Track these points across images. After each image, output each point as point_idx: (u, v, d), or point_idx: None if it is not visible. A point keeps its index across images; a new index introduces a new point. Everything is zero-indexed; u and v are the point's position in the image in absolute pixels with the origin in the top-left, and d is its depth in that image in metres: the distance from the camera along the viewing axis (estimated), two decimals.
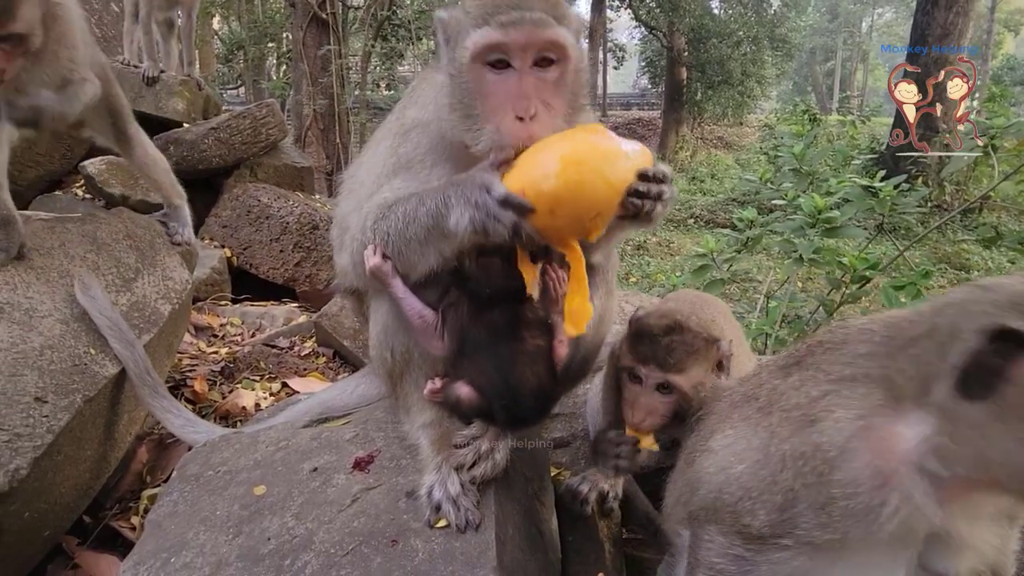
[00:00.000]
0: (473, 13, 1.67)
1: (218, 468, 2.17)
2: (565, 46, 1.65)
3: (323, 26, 12.84)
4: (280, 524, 1.84)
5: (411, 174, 1.84)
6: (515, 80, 1.63)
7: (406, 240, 1.72)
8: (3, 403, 2.24)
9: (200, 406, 3.33)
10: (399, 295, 1.82)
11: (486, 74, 1.65)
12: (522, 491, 2.05)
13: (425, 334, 1.84)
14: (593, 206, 1.50)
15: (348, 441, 2.11)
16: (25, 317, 2.51)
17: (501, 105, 1.64)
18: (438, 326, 1.82)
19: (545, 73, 1.65)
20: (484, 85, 1.65)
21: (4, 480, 2.10)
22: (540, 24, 1.60)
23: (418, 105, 1.94)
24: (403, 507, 1.80)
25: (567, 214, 1.50)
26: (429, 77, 1.98)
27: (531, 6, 1.62)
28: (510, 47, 1.62)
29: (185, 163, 5.50)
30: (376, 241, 1.78)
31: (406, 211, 1.71)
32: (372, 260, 1.79)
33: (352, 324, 3.84)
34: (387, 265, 1.79)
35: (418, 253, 1.74)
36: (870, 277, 5.37)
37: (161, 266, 3.16)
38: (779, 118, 24.81)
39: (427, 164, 1.84)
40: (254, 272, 5.48)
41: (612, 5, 30.63)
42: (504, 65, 1.64)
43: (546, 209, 1.48)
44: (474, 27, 1.64)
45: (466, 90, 1.68)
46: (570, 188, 1.47)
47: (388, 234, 1.75)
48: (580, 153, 1.51)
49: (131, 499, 2.78)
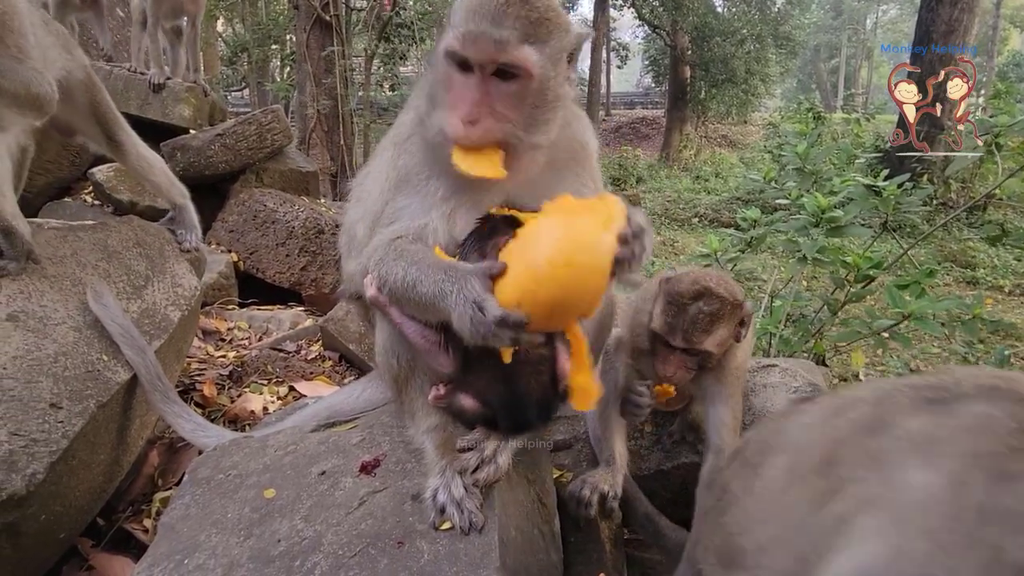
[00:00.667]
0: (453, 16, 1.71)
1: (229, 472, 2.22)
2: (525, 66, 1.66)
3: (326, 28, 12.90)
4: (290, 526, 1.89)
5: (410, 187, 1.87)
6: (472, 84, 1.67)
7: (406, 300, 1.74)
8: (20, 409, 2.30)
9: (209, 410, 3.39)
10: (397, 320, 1.85)
11: (453, 72, 1.70)
12: (525, 493, 2.10)
13: (429, 353, 1.85)
14: (587, 295, 1.53)
15: (355, 445, 2.16)
16: (40, 325, 2.57)
17: (455, 103, 1.68)
18: (442, 343, 1.83)
19: (506, 84, 1.68)
20: (449, 81, 1.71)
21: (22, 484, 2.16)
22: (500, 44, 1.62)
23: (412, 109, 1.98)
24: (408, 510, 1.85)
25: (565, 310, 1.53)
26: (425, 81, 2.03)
27: (500, 22, 1.63)
28: (470, 58, 1.66)
29: (192, 169, 5.57)
30: (377, 282, 1.80)
31: (406, 277, 1.70)
32: (370, 291, 1.82)
33: (358, 328, 3.89)
34: (384, 297, 1.82)
35: (417, 312, 1.77)
36: (874, 276, 5.39)
37: (170, 273, 3.22)
38: (783, 116, 24.74)
39: (423, 176, 1.87)
40: (260, 276, 5.54)
41: (615, 4, 30.60)
42: (468, 68, 1.68)
43: (544, 315, 1.51)
44: (450, 27, 1.69)
45: (438, 81, 1.75)
46: (562, 289, 1.49)
47: (388, 285, 1.76)
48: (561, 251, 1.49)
49: (143, 502, 2.84)
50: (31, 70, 2.77)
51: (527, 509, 2.05)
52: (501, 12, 1.64)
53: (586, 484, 2.44)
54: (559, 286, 1.48)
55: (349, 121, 13.86)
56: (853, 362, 6.85)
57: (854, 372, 9.48)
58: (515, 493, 2.02)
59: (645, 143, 30.47)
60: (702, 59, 27.26)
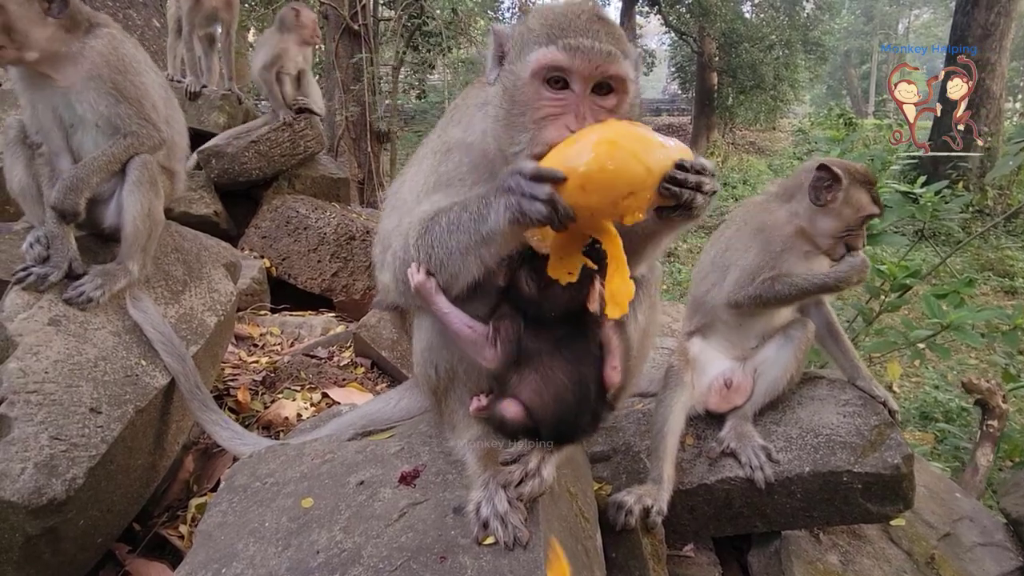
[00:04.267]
0: (538, 31, 1.67)
1: (265, 480, 2.20)
2: (626, 80, 1.66)
3: (355, 37, 13.04)
4: (328, 537, 1.85)
5: (452, 190, 1.84)
6: (572, 100, 1.64)
7: (448, 251, 1.71)
8: (60, 414, 2.31)
9: (243, 416, 3.39)
10: (444, 311, 1.80)
11: (543, 90, 1.65)
12: (568, 507, 2.04)
13: (475, 345, 1.81)
14: (627, 183, 1.47)
15: (393, 455, 2.12)
16: (80, 329, 2.59)
17: (553, 119, 1.64)
18: (490, 336, 1.79)
19: (602, 100, 1.66)
20: (539, 100, 1.66)
21: (62, 489, 2.17)
22: (607, 57, 1.61)
23: (460, 125, 1.95)
24: (450, 523, 1.80)
25: (598, 188, 1.47)
26: (471, 96, 1.99)
27: (599, 36, 1.62)
28: (573, 71, 1.62)
29: (226, 176, 5.63)
30: (419, 258, 1.77)
31: (449, 220, 1.71)
32: (416, 278, 1.78)
33: (390, 335, 3.87)
34: (431, 282, 1.77)
35: (460, 263, 1.72)
36: (910, 285, 5.25)
37: (207, 278, 3.24)
38: (813, 122, 24.37)
39: (468, 183, 1.84)
40: (292, 282, 5.56)
41: (642, 11, 30.50)
42: (563, 85, 1.65)
43: (577, 184, 1.46)
44: (539, 44, 1.64)
45: (518, 102, 1.68)
46: (602, 163, 1.45)
47: (432, 247, 1.74)
48: (614, 134, 1.50)
49: (179, 507, 2.84)
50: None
51: (571, 524, 1.99)
52: (595, 28, 1.64)
53: (631, 493, 2.48)
54: (597, 158, 1.46)
55: (377, 129, 13.97)
56: (888, 373, 6.68)
57: (888, 383, 9.26)
58: (558, 507, 1.96)
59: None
60: (729, 65, 26.95)
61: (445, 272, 1.76)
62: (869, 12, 46.22)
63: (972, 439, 7.15)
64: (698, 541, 2.83)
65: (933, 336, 4.70)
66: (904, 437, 2.68)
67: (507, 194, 1.53)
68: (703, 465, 2.73)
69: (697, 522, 2.74)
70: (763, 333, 2.95)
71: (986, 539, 3.07)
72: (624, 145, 1.48)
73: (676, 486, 2.63)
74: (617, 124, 1.57)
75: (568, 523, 1.98)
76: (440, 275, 1.77)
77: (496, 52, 1.79)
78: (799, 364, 2.87)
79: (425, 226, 1.77)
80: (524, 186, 1.49)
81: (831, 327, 3.02)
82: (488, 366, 1.82)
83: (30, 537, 2.11)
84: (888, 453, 2.59)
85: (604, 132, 1.52)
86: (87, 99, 2.73)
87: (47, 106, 2.77)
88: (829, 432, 2.69)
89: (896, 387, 9.48)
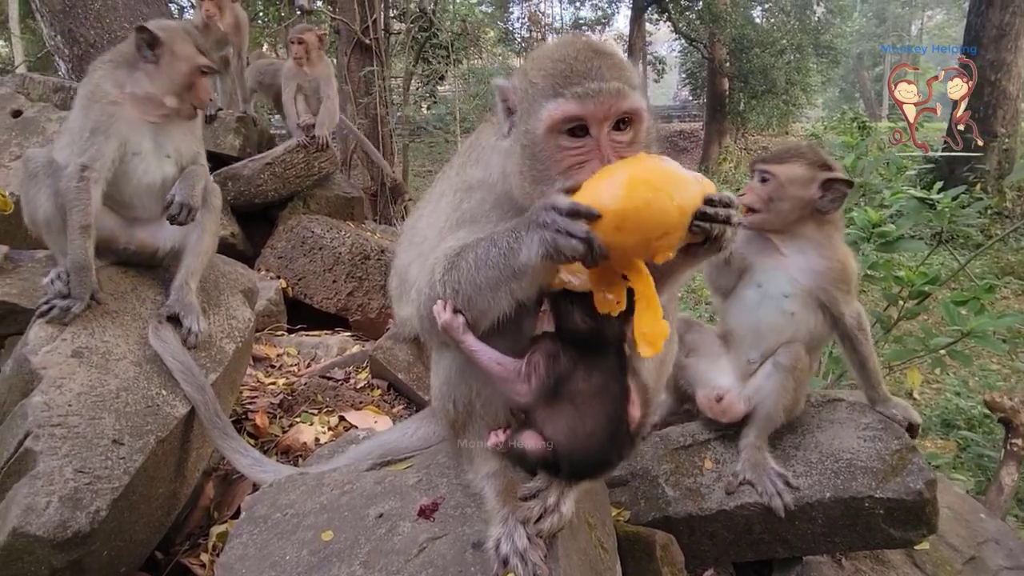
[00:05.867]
0: (542, 84, 1.67)
1: (285, 510, 2.21)
2: (640, 110, 1.66)
3: (366, 50, 13.19)
4: (349, 573, 1.85)
5: (476, 227, 1.85)
6: (592, 145, 1.64)
7: (476, 286, 1.70)
8: (84, 446, 2.34)
9: (262, 440, 3.41)
10: (473, 348, 1.80)
11: (562, 141, 1.66)
12: (587, 539, 2.04)
13: (507, 381, 1.80)
14: (660, 224, 1.49)
15: (412, 487, 2.13)
16: (102, 361, 2.63)
17: (579, 168, 1.64)
18: (523, 371, 1.79)
19: (621, 135, 1.66)
20: (560, 152, 1.66)
21: (86, 521, 2.20)
22: (618, 95, 1.61)
23: (480, 165, 1.95)
24: (470, 559, 1.80)
25: (634, 230, 1.48)
26: (485, 135, 2.00)
27: (603, 76, 1.62)
28: (588, 118, 1.62)
29: (243, 197, 5.70)
30: (446, 293, 1.77)
31: (476, 255, 1.70)
32: (443, 316, 1.77)
33: (406, 357, 3.89)
34: (458, 320, 1.77)
35: (489, 298, 1.71)
36: (929, 292, 5.19)
37: (225, 305, 3.27)
38: (826, 126, 24.20)
39: (492, 219, 1.84)
40: (308, 302, 5.61)
41: (651, 18, 30.53)
42: (582, 132, 1.65)
43: (612, 224, 1.47)
44: (547, 97, 1.65)
45: (539, 158, 1.68)
46: (637, 204, 1.47)
47: (459, 282, 1.73)
48: (647, 173, 1.52)
49: (200, 535, 2.85)
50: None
51: (590, 557, 1.98)
52: (597, 68, 1.64)
53: None
54: (631, 199, 1.47)
55: (388, 141, 14.08)
56: (909, 381, 6.59)
57: (909, 391, 9.13)
58: (577, 541, 1.96)
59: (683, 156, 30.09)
60: (740, 70, 26.87)
61: (474, 308, 1.75)
62: (881, 14, 45.89)
63: (995, 447, 7.04)
64: (718, 567, 2.81)
65: (953, 343, 4.65)
66: (924, 456, 2.64)
67: (541, 229, 1.52)
68: (722, 490, 2.71)
69: (717, 548, 2.72)
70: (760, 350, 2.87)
71: (1012, 562, 3.02)
72: (658, 185, 1.49)
73: (695, 511, 2.62)
74: (646, 160, 1.58)
75: (587, 556, 1.98)
76: (468, 311, 1.76)
77: (503, 106, 1.79)
78: (794, 392, 2.76)
79: (451, 261, 1.77)
80: (559, 222, 1.49)
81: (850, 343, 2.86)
82: (521, 401, 1.81)
83: (55, 570, 2.14)
84: (910, 478, 2.56)
85: (636, 170, 1.53)
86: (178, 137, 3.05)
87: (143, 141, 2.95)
88: (850, 456, 2.67)
89: (916, 395, 9.35)
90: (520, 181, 1.74)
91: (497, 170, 1.86)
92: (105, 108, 2.85)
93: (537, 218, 1.54)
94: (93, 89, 2.88)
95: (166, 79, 2.90)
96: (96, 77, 2.92)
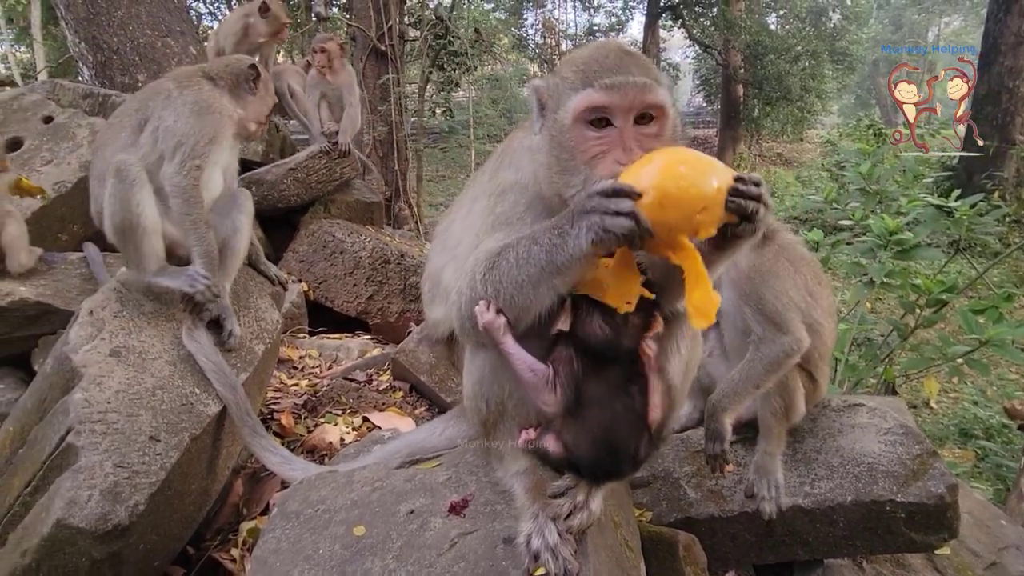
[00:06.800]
0: (572, 77, 1.75)
1: (317, 506, 2.27)
2: (664, 106, 1.73)
3: (382, 57, 13.34)
4: (382, 566, 1.91)
5: (512, 228, 1.90)
6: (616, 135, 1.71)
7: (519, 284, 1.74)
8: (123, 442, 2.42)
9: (288, 440, 3.48)
10: (510, 351, 1.84)
11: (587, 131, 1.72)
12: (613, 537, 2.08)
13: (536, 389, 1.85)
14: (700, 197, 1.55)
15: (442, 484, 2.18)
16: (139, 360, 2.71)
17: (602, 156, 1.71)
18: (550, 379, 1.83)
19: (645, 128, 1.73)
20: (585, 141, 1.73)
21: (125, 515, 2.26)
22: (643, 88, 1.68)
23: (512, 168, 2.01)
24: (501, 554, 1.85)
25: (676, 205, 1.54)
26: (519, 139, 2.06)
27: (631, 70, 1.70)
28: (613, 108, 1.69)
29: (266, 202, 5.78)
30: (487, 293, 1.80)
31: (518, 254, 1.75)
32: (485, 316, 1.80)
33: (428, 360, 3.95)
34: (500, 320, 1.80)
35: (532, 295, 1.75)
36: (947, 300, 5.18)
37: (254, 307, 3.35)
38: (841, 133, 24.07)
39: (527, 221, 1.89)
40: (329, 305, 5.68)
41: (665, 25, 30.57)
42: (605, 123, 1.72)
43: (656, 201, 1.54)
44: (575, 90, 1.72)
45: (566, 147, 1.75)
46: (677, 181, 1.54)
47: (500, 281, 1.77)
48: (680, 155, 1.60)
49: (230, 531, 2.92)
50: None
51: (617, 555, 2.02)
52: (625, 63, 1.72)
53: None
54: (671, 176, 1.55)
55: (404, 147, 14.20)
56: (926, 390, 6.57)
57: (926, 400, 9.06)
58: (605, 538, 2.00)
59: None
60: (755, 77, 26.80)
61: (516, 307, 1.79)
62: (898, 20, 45.59)
63: (1014, 456, 6.98)
64: (740, 568, 2.84)
65: (971, 352, 4.64)
66: (945, 458, 2.65)
67: (587, 215, 1.57)
68: (743, 492, 2.74)
69: (739, 549, 2.75)
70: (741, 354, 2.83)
71: None
72: (693, 164, 1.58)
73: (717, 513, 2.65)
74: (677, 148, 1.66)
75: (614, 553, 2.02)
76: (510, 310, 1.80)
77: (538, 105, 1.86)
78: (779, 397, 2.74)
79: (492, 261, 1.81)
80: (605, 203, 1.54)
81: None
82: (548, 410, 1.85)
83: (95, 561, 2.21)
84: (932, 483, 2.58)
85: (668, 155, 1.62)
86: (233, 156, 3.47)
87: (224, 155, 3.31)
88: (871, 461, 2.69)
89: (934, 403, 9.28)
90: (548, 172, 1.81)
91: (528, 170, 1.92)
92: (221, 120, 3.17)
93: (581, 207, 1.60)
94: (211, 102, 3.17)
95: (257, 109, 3.39)
96: (206, 93, 3.19)
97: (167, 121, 3.10)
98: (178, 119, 3.09)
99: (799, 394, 2.77)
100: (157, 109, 3.13)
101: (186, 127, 3.07)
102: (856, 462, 2.70)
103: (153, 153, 3.08)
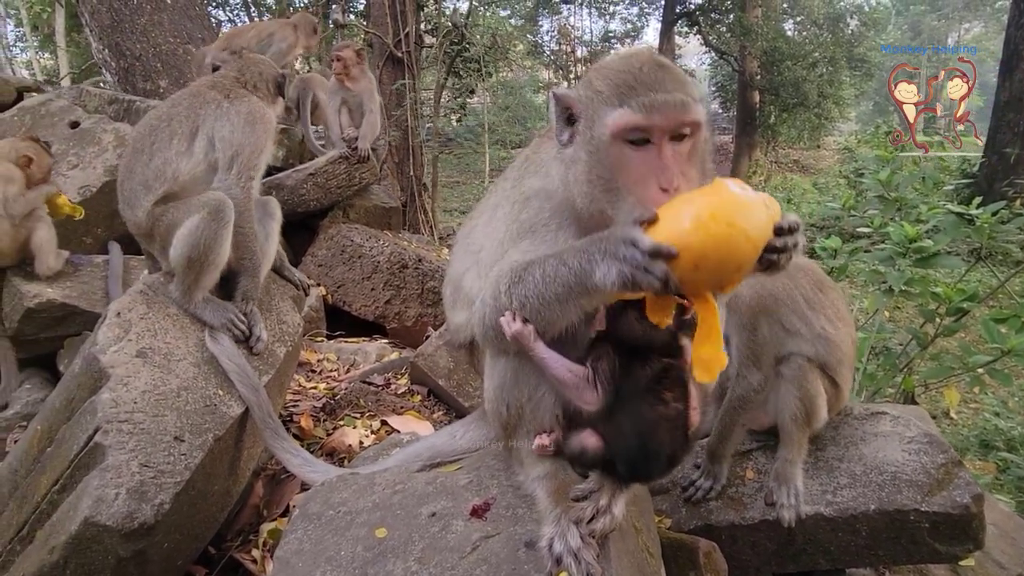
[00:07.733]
0: (607, 92, 1.73)
1: (338, 508, 2.28)
2: (701, 123, 1.72)
3: (398, 63, 13.43)
4: (404, 568, 1.91)
5: (537, 237, 1.90)
6: (655, 155, 1.68)
7: (545, 301, 1.75)
8: (148, 442, 2.45)
9: (307, 442, 3.51)
10: (543, 356, 1.85)
11: (626, 150, 1.71)
12: (634, 543, 2.07)
13: (577, 388, 1.85)
14: (735, 261, 1.52)
15: (463, 487, 2.19)
16: (164, 361, 2.75)
17: (644, 178, 1.69)
18: (590, 377, 1.84)
19: (680, 145, 1.71)
20: (624, 160, 1.71)
21: (151, 513, 2.30)
22: (681, 107, 1.67)
23: (538, 175, 2.01)
24: (523, 557, 1.85)
25: (710, 268, 1.52)
26: (543, 148, 2.06)
27: (667, 88, 1.68)
28: (652, 129, 1.67)
29: (286, 207, 5.79)
30: (512, 305, 1.82)
31: (544, 272, 1.75)
32: (514, 326, 1.82)
33: (446, 364, 3.97)
34: (528, 328, 1.82)
35: (558, 312, 1.76)
36: (967, 309, 5.11)
37: (276, 310, 3.38)
38: (859, 140, 23.88)
39: (551, 228, 1.90)
40: (347, 309, 5.72)
41: (681, 31, 30.55)
42: (643, 141, 1.70)
43: (690, 263, 1.50)
44: (611, 106, 1.71)
45: (605, 166, 1.74)
46: (715, 243, 1.49)
47: (526, 296, 1.79)
48: (723, 208, 1.51)
49: (250, 532, 2.95)
50: None
51: (638, 560, 2.02)
52: (661, 79, 1.70)
53: None
54: (711, 237, 1.48)
55: (419, 153, 14.28)
56: (946, 399, 6.47)
57: (945, 410, 8.92)
58: (626, 543, 2.00)
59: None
60: (772, 83, 26.67)
61: (541, 320, 1.80)
62: (916, 26, 45.24)
63: None
64: None
65: (993, 362, 4.58)
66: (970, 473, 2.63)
67: (620, 262, 1.55)
68: (764, 502, 2.72)
69: (759, 558, 2.73)
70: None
71: None
72: (733, 220, 1.49)
73: (737, 520, 2.64)
74: (721, 191, 1.56)
75: (636, 559, 2.01)
76: (536, 322, 1.82)
77: (562, 115, 1.84)
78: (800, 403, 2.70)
79: (517, 275, 1.82)
80: (639, 259, 1.52)
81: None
82: (589, 408, 1.85)
83: (121, 559, 2.24)
84: (957, 492, 2.55)
85: (712, 204, 1.52)
86: None
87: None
88: (894, 470, 2.66)
89: (954, 414, 9.14)
90: (589, 189, 1.79)
91: (558, 179, 1.91)
92: (267, 130, 3.27)
93: (616, 251, 1.57)
94: (262, 113, 3.26)
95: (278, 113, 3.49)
96: (255, 104, 3.27)
97: (223, 132, 3.13)
98: (234, 130, 3.13)
99: (821, 400, 2.73)
100: (209, 119, 3.15)
101: (242, 138, 3.12)
102: (879, 470, 2.67)
103: (204, 162, 3.13)
